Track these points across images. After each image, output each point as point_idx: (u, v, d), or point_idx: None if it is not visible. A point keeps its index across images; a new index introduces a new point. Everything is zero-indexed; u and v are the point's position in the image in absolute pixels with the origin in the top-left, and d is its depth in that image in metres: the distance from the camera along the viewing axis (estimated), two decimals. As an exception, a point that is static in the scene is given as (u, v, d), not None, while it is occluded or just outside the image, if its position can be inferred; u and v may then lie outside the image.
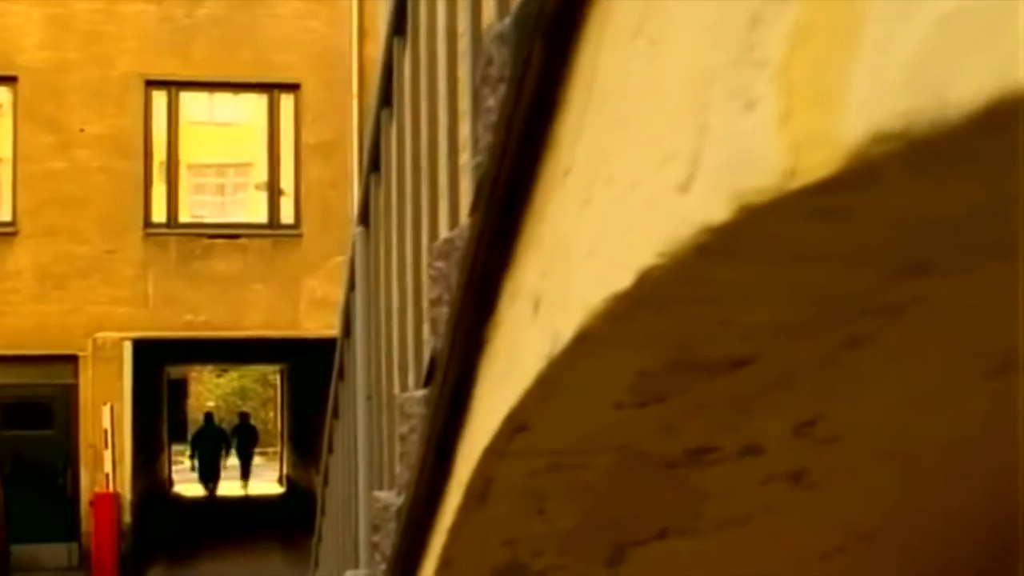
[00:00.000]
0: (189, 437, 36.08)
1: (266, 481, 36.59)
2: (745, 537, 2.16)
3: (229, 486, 32.11)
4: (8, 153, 18.72)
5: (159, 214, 19.26)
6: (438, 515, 2.05)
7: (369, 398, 3.71)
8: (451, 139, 2.54)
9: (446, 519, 2.00)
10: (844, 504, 2.13)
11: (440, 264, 1.98)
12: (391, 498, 2.62)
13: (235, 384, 58.16)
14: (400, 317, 3.16)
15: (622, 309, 1.21)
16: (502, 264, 1.55)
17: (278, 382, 39.33)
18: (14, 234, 18.52)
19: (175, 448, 35.61)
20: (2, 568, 17.30)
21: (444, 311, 1.96)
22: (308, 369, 24.29)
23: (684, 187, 1.03)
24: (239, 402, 59.76)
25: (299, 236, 19.55)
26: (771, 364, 1.48)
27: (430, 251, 2.05)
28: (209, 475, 30.70)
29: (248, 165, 20.30)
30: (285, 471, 34.19)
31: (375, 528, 2.75)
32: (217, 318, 19.09)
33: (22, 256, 18.50)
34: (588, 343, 1.32)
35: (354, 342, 3.88)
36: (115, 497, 18.47)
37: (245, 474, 33.04)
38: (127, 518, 18.85)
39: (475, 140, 1.69)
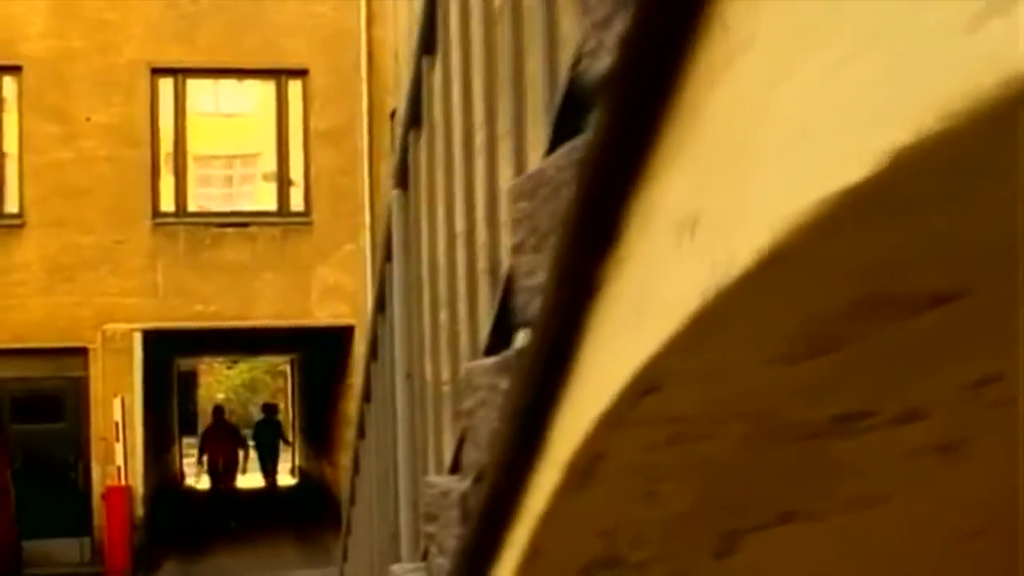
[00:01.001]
0: (199, 430, 35.14)
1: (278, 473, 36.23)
2: (874, 520, 1.87)
3: (243, 479, 31.82)
4: (14, 144, 18.45)
5: (167, 203, 18.98)
6: (524, 500, 1.76)
7: (409, 376, 3.40)
8: (516, 72, 2.23)
9: (536, 504, 1.71)
10: (994, 481, 1.83)
11: (524, 204, 1.68)
12: (451, 483, 2.33)
13: (245, 376, 57.94)
14: (449, 283, 2.85)
15: (833, 218, 0.91)
16: (628, 182, 1.25)
17: (288, 373, 38.92)
18: (21, 226, 18.24)
19: (185, 441, 35.26)
20: (15, 565, 17.02)
21: (530, 259, 1.66)
22: (320, 359, 24.00)
23: (977, 23, 0.73)
24: (249, 394, 59.59)
25: (309, 224, 19.26)
26: (975, 303, 1.19)
27: (512, 192, 1.74)
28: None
29: (256, 155, 19.97)
30: (297, 463, 33.89)
31: (429, 517, 2.45)
32: (227, 308, 18.81)
33: (29, 248, 18.21)
34: (768, 272, 1.02)
35: (390, 316, 3.57)
36: (127, 490, 18.20)
37: (272, 471, 30.50)
38: (139, 512, 18.58)
39: (586, 35, 1.38)
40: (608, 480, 1.56)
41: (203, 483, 29.33)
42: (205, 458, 25.85)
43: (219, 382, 52.94)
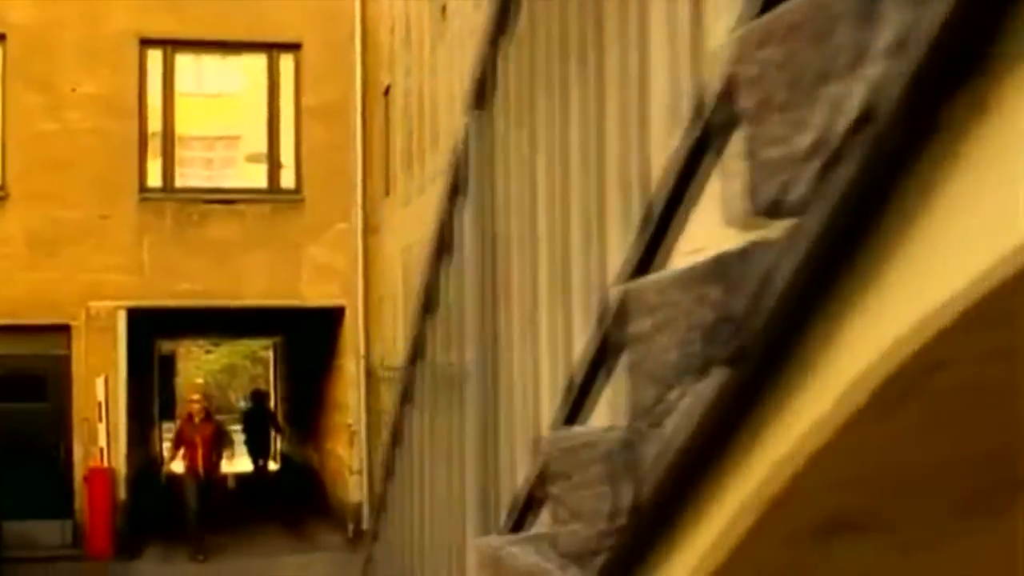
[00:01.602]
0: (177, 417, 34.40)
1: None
2: None
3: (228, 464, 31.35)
4: (-4, 115, 17.98)
5: (154, 178, 18.54)
6: (752, 441, 1.36)
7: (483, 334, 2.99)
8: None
9: (777, 445, 1.31)
10: None
11: (771, 51, 1.28)
12: (594, 434, 1.92)
13: (224, 361, 57.31)
14: (561, 209, 2.43)
15: None
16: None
17: (270, 358, 38.35)
18: (3, 199, 17.82)
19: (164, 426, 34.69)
20: (-6, 546, 16.61)
21: (781, 119, 1.26)
22: (307, 341, 23.52)
23: None
24: (228, 379, 58.96)
25: (300, 202, 18.84)
26: None
27: (747, 40, 1.33)
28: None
29: (246, 131, 19.53)
30: (279, 448, 33.38)
31: (553, 477, 2.05)
32: (215, 287, 18.39)
33: (12, 222, 17.76)
34: None
35: (463, 262, 3.15)
36: (110, 472, 17.76)
37: (263, 461, 29.52)
38: (122, 494, 18.13)
39: None
40: (889, 415, 1.17)
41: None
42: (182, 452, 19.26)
43: (198, 367, 52.35)
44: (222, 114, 19.55)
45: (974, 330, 1.07)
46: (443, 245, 3.42)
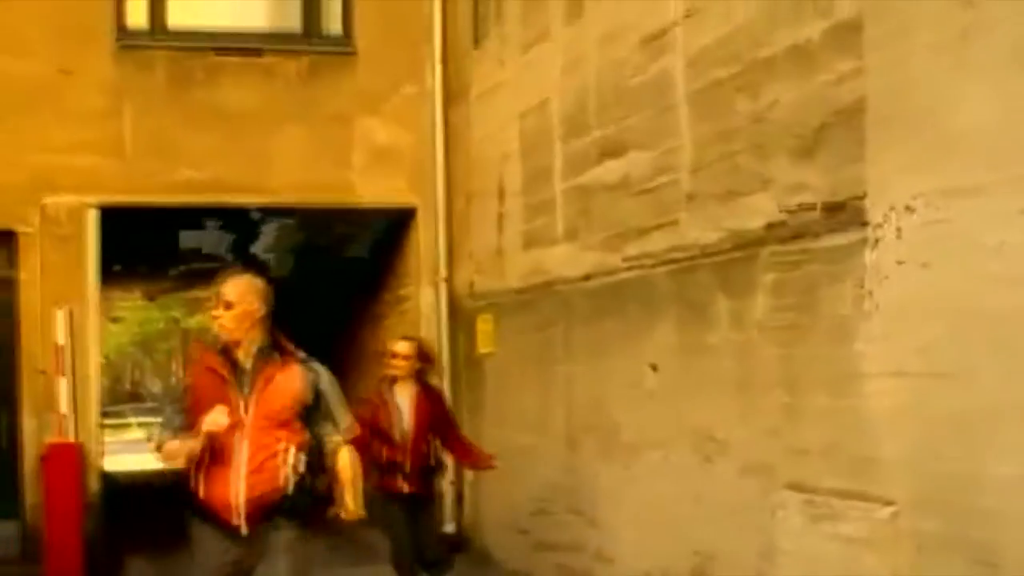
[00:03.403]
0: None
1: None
2: None
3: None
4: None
5: (138, 15, 12.73)
6: None
7: None
8: None
9: None
10: None
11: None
12: None
13: (136, 331, 49.99)
14: None
15: None
16: None
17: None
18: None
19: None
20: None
21: None
22: (331, 266, 17.50)
23: None
24: (141, 356, 51.54)
25: (352, 55, 13.12)
26: None
27: None
28: None
29: None
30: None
31: None
32: (230, 175, 12.67)
33: (-68, 77, 12.12)
34: None
35: None
36: (76, 451, 12.05)
37: None
38: (94, 484, 12.39)
39: None
40: None
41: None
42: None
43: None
44: None
45: None
46: None
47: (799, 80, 6.97)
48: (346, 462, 6.60)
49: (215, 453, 6.18)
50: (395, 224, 13.63)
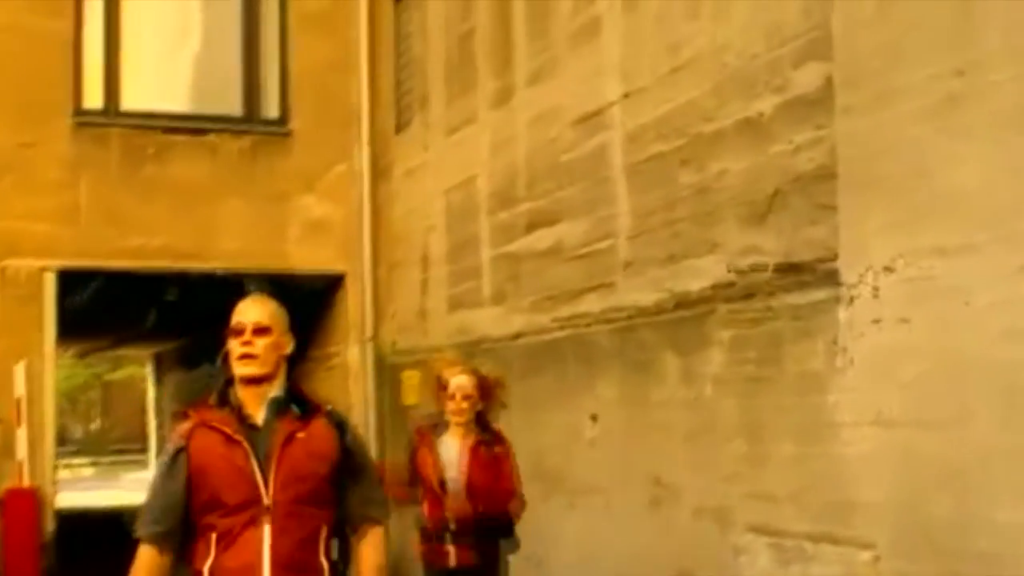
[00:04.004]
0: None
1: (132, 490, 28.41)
2: None
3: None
4: None
5: (94, 96, 11.75)
6: None
7: None
8: None
9: None
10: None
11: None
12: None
13: (63, 383, 47.56)
14: None
15: None
16: None
17: (151, 370, 29.88)
18: None
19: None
20: None
21: None
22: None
23: None
24: (66, 405, 49.60)
25: (287, 136, 12.26)
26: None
27: None
28: None
29: (217, 39, 12.67)
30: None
31: None
32: (179, 242, 11.70)
33: None
34: None
35: None
36: (33, 496, 10.92)
37: None
38: (50, 526, 11.23)
39: None
40: None
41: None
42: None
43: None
44: (184, 16, 12.71)
45: None
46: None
47: (750, 151, 6.34)
48: (374, 562, 4.03)
49: (225, 545, 3.79)
50: (326, 289, 12.71)
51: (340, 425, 4.07)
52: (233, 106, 12.24)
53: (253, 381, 3.96)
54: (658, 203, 7.25)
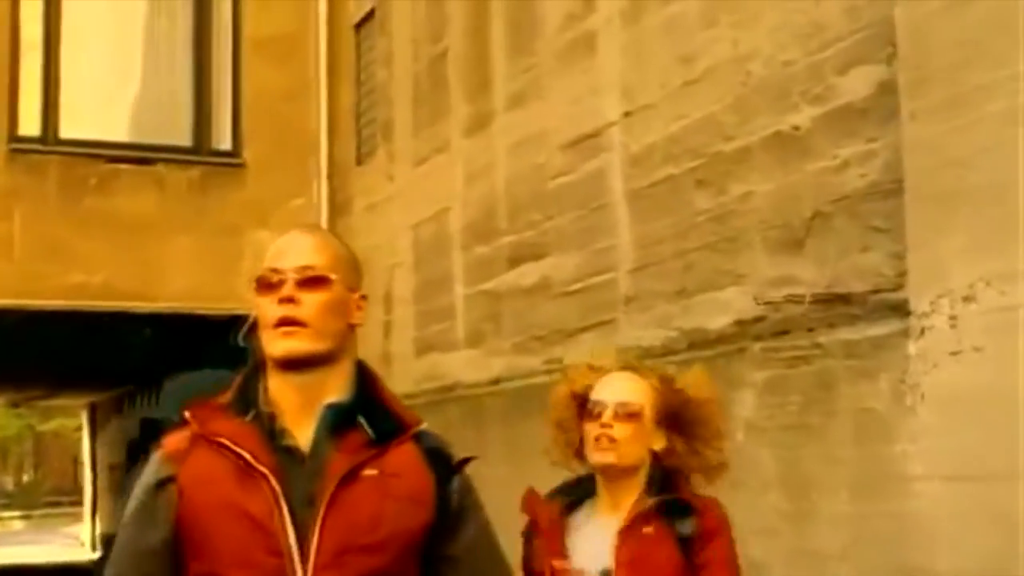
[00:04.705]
0: None
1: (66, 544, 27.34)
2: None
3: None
4: None
5: (30, 123, 10.90)
6: None
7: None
8: None
9: None
10: None
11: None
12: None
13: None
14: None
15: None
16: None
17: (86, 416, 28.77)
18: None
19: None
20: None
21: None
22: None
23: None
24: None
25: (240, 167, 11.45)
26: None
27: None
28: None
29: (164, 64, 11.87)
30: (99, 530, 24.70)
31: None
32: (122, 280, 10.85)
33: None
34: None
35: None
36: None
37: None
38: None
39: None
40: None
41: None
42: None
43: None
44: (128, 40, 11.91)
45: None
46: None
47: (781, 170, 5.66)
48: None
49: None
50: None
51: (440, 457, 2.35)
52: (182, 135, 11.47)
53: (296, 364, 2.27)
54: (667, 231, 6.57)
